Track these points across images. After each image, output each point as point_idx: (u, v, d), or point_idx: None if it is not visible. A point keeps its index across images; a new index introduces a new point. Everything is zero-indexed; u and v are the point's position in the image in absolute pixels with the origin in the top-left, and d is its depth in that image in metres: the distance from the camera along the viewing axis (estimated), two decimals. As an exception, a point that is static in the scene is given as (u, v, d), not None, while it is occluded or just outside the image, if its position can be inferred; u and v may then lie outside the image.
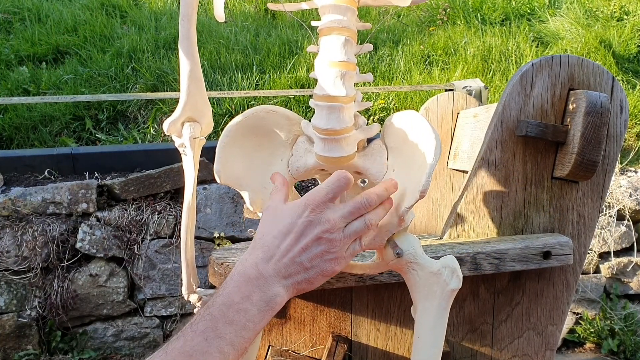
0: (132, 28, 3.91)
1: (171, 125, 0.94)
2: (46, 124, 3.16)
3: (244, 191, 0.82)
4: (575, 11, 4.12)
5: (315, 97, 0.79)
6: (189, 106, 0.92)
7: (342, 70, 0.77)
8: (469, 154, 1.34)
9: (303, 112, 3.21)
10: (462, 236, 1.05)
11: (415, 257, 0.77)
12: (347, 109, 0.78)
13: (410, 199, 0.73)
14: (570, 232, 1.07)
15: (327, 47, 0.77)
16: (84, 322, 2.51)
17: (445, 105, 1.55)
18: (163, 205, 2.53)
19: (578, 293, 2.77)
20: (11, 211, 2.38)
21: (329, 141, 0.78)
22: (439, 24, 4.18)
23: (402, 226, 0.76)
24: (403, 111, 0.83)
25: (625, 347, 2.71)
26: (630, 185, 2.82)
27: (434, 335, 0.78)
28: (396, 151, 0.82)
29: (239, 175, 0.82)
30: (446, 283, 0.77)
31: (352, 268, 0.85)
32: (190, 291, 0.98)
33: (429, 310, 0.78)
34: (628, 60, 3.77)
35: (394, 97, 3.43)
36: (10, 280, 2.37)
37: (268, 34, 3.88)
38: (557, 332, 1.08)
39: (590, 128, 0.98)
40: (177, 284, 2.55)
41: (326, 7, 0.77)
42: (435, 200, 1.53)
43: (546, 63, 1.04)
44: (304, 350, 0.97)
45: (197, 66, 0.90)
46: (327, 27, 0.77)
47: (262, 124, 0.84)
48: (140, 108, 3.27)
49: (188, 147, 0.94)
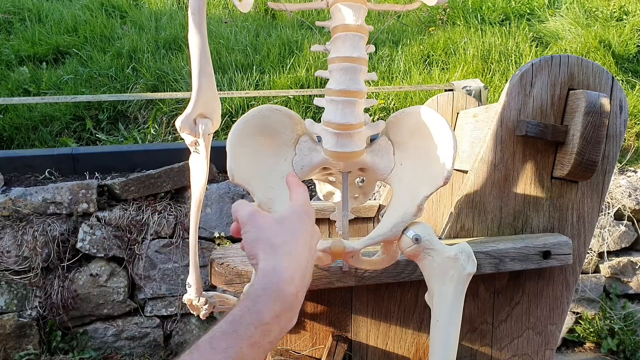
0: (132, 28, 3.91)
1: (184, 122, 0.93)
2: (46, 124, 3.16)
3: (254, 191, 0.83)
4: (575, 11, 4.12)
5: (330, 93, 0.80)
6: (201, 102, 0.92)
7: (359, 66, 0.79)
8: (468, 153, 1.34)
9: (303, 112, 3.21)
10: (461, 236, 1.05)
11: (431, 243, 0.79)
12: (360, 105, 0.81)
13: (429, 188, 0.76)
14: (570, 232, 1.07)
15: (344, 44, 0.79)
16: (85, 322, 2.51)
17: (445, 105, 1.56)
18: (163, 205, 2.53)
19: (578, 293, 2.78)
20: (12, 211, 2.39)
21: (342, 136, 0.80)
22: (438, 24, 4.18)
23: (419, 215, 0.78)
24: (409, 107, 0.84)
25: (624, 347, 2.71)
26: (630, 185, 2.83)
27: (452, 317, 0.80)
28: (403, 145, 0.84)
29: (249, 175, 0.82)
30: (463, 267, 0.79)
31: (360, 264, 0.85)
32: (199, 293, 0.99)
33: (447, 294, 0.79)
34: (627, 60, 3.78)
35: (393, 97, 3.43)
36: (10, 280, 2.37)
37: (268, 34, 3.88)
38: (557, 332, 1.08)
39: (590, 128, 0.99)
40: (178, 284, 2.55)
41: (341, 5, 0.79)
42: (435, 200, 1.53)
43: (546, 63, 1.05)
44: (304, 350, 0.97)
45: (208, 62, 0.90)
46: (344, 25, 0.79)
47: (266, 123, 0.84)
48: (141, 108, 3.28)
49: (202, 144, 0.93)
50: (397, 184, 0.84)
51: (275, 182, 0.82)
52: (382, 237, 0.80)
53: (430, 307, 0.82)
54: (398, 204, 0.82)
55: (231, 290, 0.97)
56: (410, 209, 0.78)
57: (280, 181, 0.82)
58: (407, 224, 0.79)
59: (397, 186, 0.84)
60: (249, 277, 0.85)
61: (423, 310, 0.98)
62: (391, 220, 0.79)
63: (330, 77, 0.81)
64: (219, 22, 4.10)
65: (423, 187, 0.78)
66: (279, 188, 0.82)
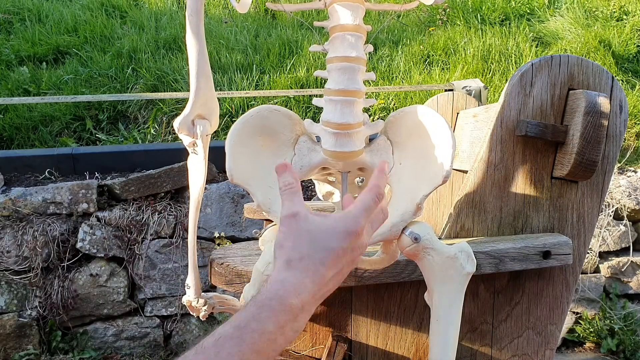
0: (132, 28, 3.91)
1: (182, 123, 0.93)
2: (46, 124, 3.16)
3: (253, 191, 0.83)
4: (575, 11, 4.12)
5: (328, 93, 0.80)
6: (199, 103, 0.92)
7: (357, 65, 0.79)
8: (468, 153, 1.34)
9: (303, 112, 3.21)
10: (461, 236, 1.05)
11: (431, 243, 0.79)
12: (359, 104, 0.81)
13: (428, 187, 0.76)
14: (570, 232, 1.07)
15: (342, 44, 0.79)
16: (85, 322, 2.51)
17: (444, 105, 1.55)
18: (163, 205, 2.53)
19: (577, 293, 2.78)
20: (12, 211, 2.39)
21: (341, 136, 0.80)
22: (438, 24, 4.18)
23: (419, 214, 0.78)
24: (407, 107, 0.84)
25: (624, 347, 2.71)
26: (630, 184, 2.83)
27: (452, 317, 0.80)
28: (402, 145, 0.84)
29: (248, 175, 0.82)
30: (462, 267, 0.79)
31: (360, 264, 0.85)
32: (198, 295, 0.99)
33: (446, 293, 0.80)
34: (627, 60, 3.78)
35: (393, 97, 3.43)
36: (10, 280, 2.37)
37: (268, 34, 3.88)
38: (557, 332, 1.08)
39: (590, 128, 0.99)
40: (178, 284, 2.55)
41: (339, 5, 0.79)
42: (434, 200, 1.53)
43: (546, 63, 1.05)
44: (304, 350, 0.97)
45: (206, 63, 0.90)
46: (342, 25, 0.79)
47: (266, 123, 0.84)
48: (141, 108, 3.28)
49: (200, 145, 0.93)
50: (396, 183, 0.84)
51: (275, 182, 0.82)
52: (382, 237, 0.80)
53: (430, 306, 0.82)
54: (397, 203, 0.82)
55: (231, 291, 0.97)
56: (409, 209, 0.78)
57: None
58: (407, 223, 0.79)
59: (397, 186, 0.84)
60: (249, 277, 0.85)
61: (423, 310, 0.98)
62: (390, 220, 0.80)
63: (329, 77, 0.81)
64: (219, 22, 4.10)
65: (422, 186, 0.78)
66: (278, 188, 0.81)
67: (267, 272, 0.78)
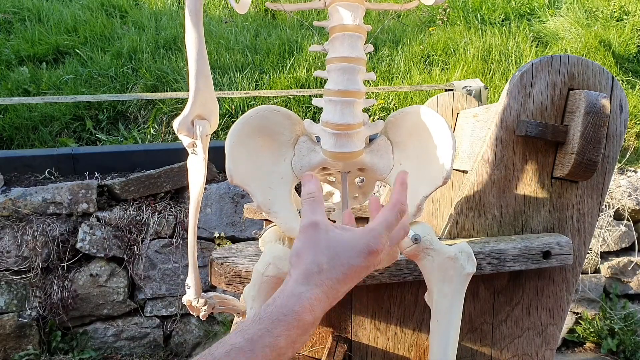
0: (132, 28, 3.91)
1: (182, 124, 0.93)
2: (46, 124, 3.16)
3: (253, 192, 0.83)
4: (575, 11, 4.12)
5: (328, 93, 0.80)
6: (199, 103, 0.92)
7: (357, 66, 0.79)
8: (468, 153, 1.34)
9: (303, 112, 3.21)
10: (462, 236, 1.05)
11: (431, 243, 0.79)
12: (359, 105, 0.81)
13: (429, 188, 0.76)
14: (570, 232, 1.07)
15: (342, 44, 0.79)
16: (84, 322, 2.51)
17: (445, 105, 1.55)
18: (163, 205, 2.53)
19: (578, 293, 2.78)
20: (11, 211, 2.39)
21: (341, 136, 0.80)
22: (438, 24, 4.18)
23: (419, 215, 0.78)
24: (407, 107, 0.84)
25: (624, 347, 2.71)
26: (630, 185, 2.83)
27: (452, 317, 0.80)
28: (402, 145, 0.84)
29: (248, 176, 0.82)
30: (462, 267, 0.79)
31: None
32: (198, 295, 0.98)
33: (446, 294, 0.79)
34: (628, 60, 3.77)
35: (393, 97, 3.43)
36: (10, 280, 2.37)
37: (268, 34, 3.88)
38: (557, 332, 1.08)
39: (590, 128, 0.99)
40: (178, 284, 2.55)
41: (339, 5, 0.79)
42: (435, 200, 1.53)
43: (546, 63, 1.04)
44: (304, 350, 0.97)
45: (205, 63, 0.90)
46: (342, 25, 0.79)
47: (265, 124, 0.84)
48: (141, 108, 3.28)
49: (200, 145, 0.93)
50: (396, 184, 0.83)
51: (274, 182, 0.82)
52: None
53: (430, 307, 0.82)
54: (397, 204, 0.81)
55: (231, 291, 0.97)
56: (409, 209, 0.78)
57: (279, 182, 0.82)
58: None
59: (396, 186, 0.83)
60: (249, 278, 0.85)
61: (423, 311, 0.98)
62: None
63: (329, 77, 0.81)
64: (219, 22, 4.10)
65: (422, 187, 0.78)
66: (278, 189, 0.82)
67: (267, 273, 0.78)
